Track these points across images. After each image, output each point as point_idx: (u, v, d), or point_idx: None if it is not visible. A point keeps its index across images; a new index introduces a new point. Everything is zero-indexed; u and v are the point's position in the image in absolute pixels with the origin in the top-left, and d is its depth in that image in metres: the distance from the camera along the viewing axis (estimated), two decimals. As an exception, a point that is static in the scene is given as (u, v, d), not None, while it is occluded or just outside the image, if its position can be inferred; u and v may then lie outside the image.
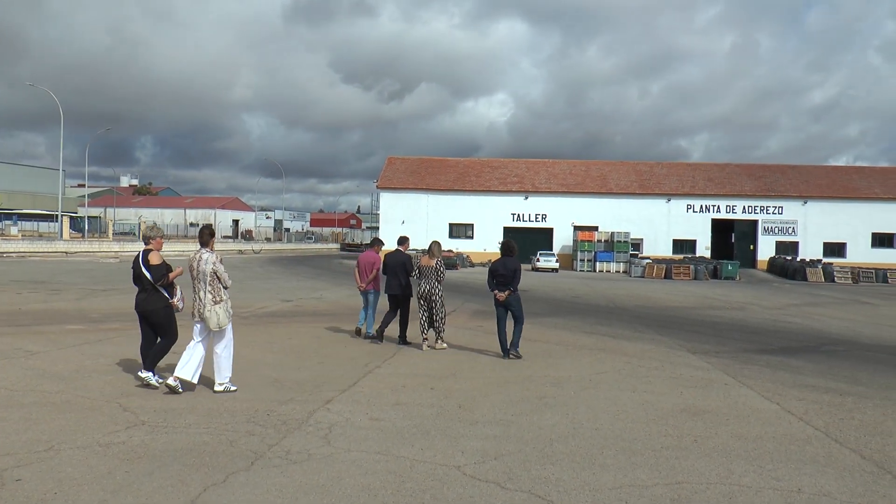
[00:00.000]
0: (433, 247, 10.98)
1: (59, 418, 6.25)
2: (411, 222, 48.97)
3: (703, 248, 49.67)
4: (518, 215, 51.15)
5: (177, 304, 7.76)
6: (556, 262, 42.86)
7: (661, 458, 5.53)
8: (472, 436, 6.05)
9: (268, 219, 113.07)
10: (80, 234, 61.08)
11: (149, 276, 7.50)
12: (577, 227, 48.62)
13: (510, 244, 10.53)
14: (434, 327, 10.85)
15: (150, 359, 7.59)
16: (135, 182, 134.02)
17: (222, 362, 7.46)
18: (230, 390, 7.43)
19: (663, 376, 9.07)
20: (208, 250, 7.56)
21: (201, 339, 7.52)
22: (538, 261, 42.47)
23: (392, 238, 27.46)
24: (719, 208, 50.16)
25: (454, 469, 5.15)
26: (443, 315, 10.83)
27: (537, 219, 51.01)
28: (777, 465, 5.43)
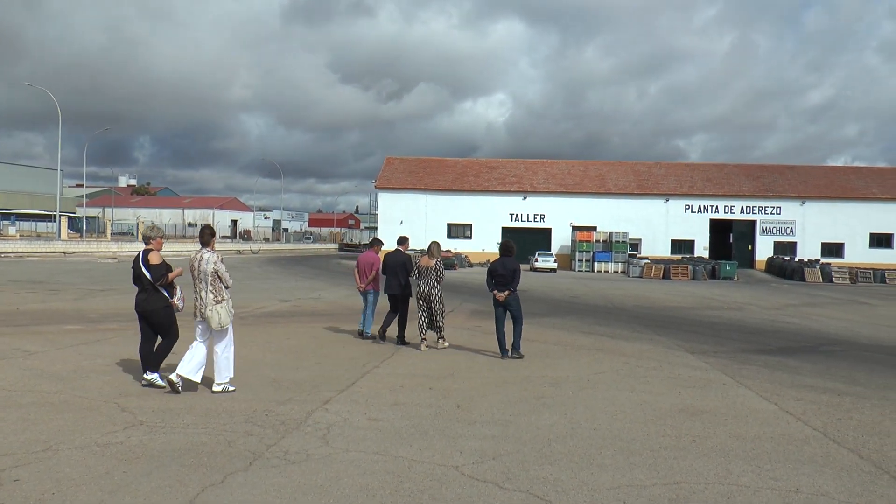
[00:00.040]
0: (432, 247, 10.99)
1: (57, 418, 6.24)
2: (410, 222, 48.97)
3: (702, 249, 49.71)
4: (516, 215, 51.15)
5: (177, 303, 7.78)
6: (555, 262, 42.88)
7: (659, 458, 5.54)
8: (471, 436, 6.05)
9: (266, 219, 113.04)
10: (78, 235, 60.96)
11: (148, 275, 7.51)
12: (575, 228, 48.61)
13: (509, 244, 10.54)
14: (435, 327, 10.87)
15: (154, 360, 7.64)
16: (133, 182, 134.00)
17: (222, 363, 7.46)
18: (228, 391, 7.43)
19: (661, 376, 9.08)
20: (209, 250, 7.57)
21: (203, 339, 7.53)
22: (536, 261, 42.48)
23: (391, 238, 27.50)
24: (717, 208, 50.22)
25: (452, 469, 5.15)
26: (442, 315, 10.85)
27: (535, 219, 51.02)
28: (775, 465, 5.43)
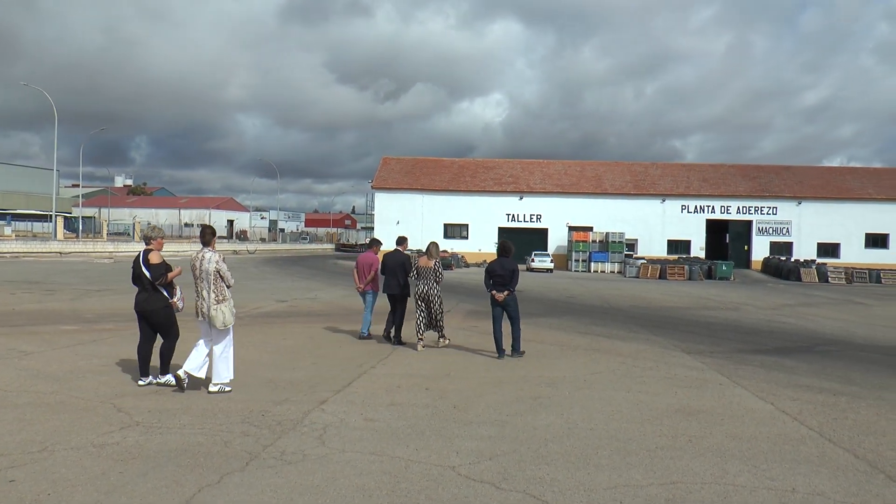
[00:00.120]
0: (431, 248, 10.98)
1: (53, 419, 6.23)
2: (406, 222, 48.94)
3: (698, 249, 49.74)
4: (513, 216, 51.13)
5: (177, 303, 7.81)
6: (551, 262, 42.90)
7: (655, 458, 5.55)
8: (467, 436, 6.05)
9: (263, 219, 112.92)
10: (74, 235, 60.81)
11: (148, 275, 7.53)
12: (571, 228, 48.63)
13: (507, 245, 10.57)
14: (434, 327, 10.89)
15: (162, 363, 7.79)
16: (129, 182, 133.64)
17: (220, 363, 7.45)
18: (225, 391, 7.43)
19: (658, 376, 9.09)
20: (210, 249, 7.58)
21: (207, 337, 7.56)
22: (533, 261, 42.48)
23: (388, 238, 27.55)
24: (714, 209, 50.25)
25: (449, 469, 5.15)
26: (441, 315, 10.87)
27: (532, 219, 51.02)
28: (771, 465, 5.44)
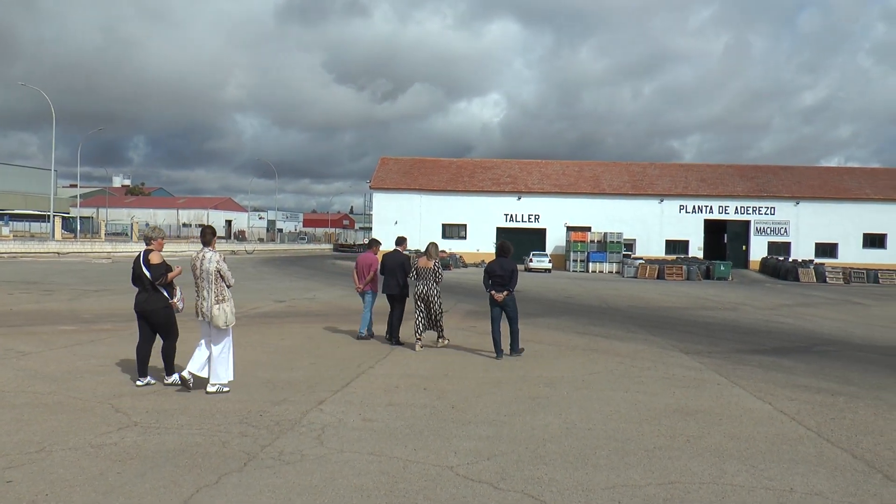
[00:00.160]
0: (430, 248, 10.98)
1: (50, 419, 6.22)
2: (404, 223, 48.92)
3: (696, 249, 49.78)
4: (511, 216, 51.14)
5: (177, 304, 7.81)
6: (549, 262, 42.90)
7: (653, 458, 5.55)
8: (465, 436, 6.05)
9: (261, 219, 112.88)
10: (72, 235, 60.74)
11: (148, 275, 7.53)
12: (569, 228, 48.65)
13: (506, 245, 10.58)
14: (434, 327, 10.90)
15: (166, 364, 7.84)
16: (127, 182, 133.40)
17: (219, 364, 7.45)
18: (223, 391, 7.42)
19: (656, 376, 9.10)
20: (211, 249, 7.58)
21: (208, 337, 7.56)
22: (531, 261, 42.47)
23: (386, 239, 27.53)
24: (712, 209, 50.30)
25: (447, 469, 5.15)
26: (440, 314, 10.88)
27: (530, 219, 51.03)
28: (769, 465, 5.45)
